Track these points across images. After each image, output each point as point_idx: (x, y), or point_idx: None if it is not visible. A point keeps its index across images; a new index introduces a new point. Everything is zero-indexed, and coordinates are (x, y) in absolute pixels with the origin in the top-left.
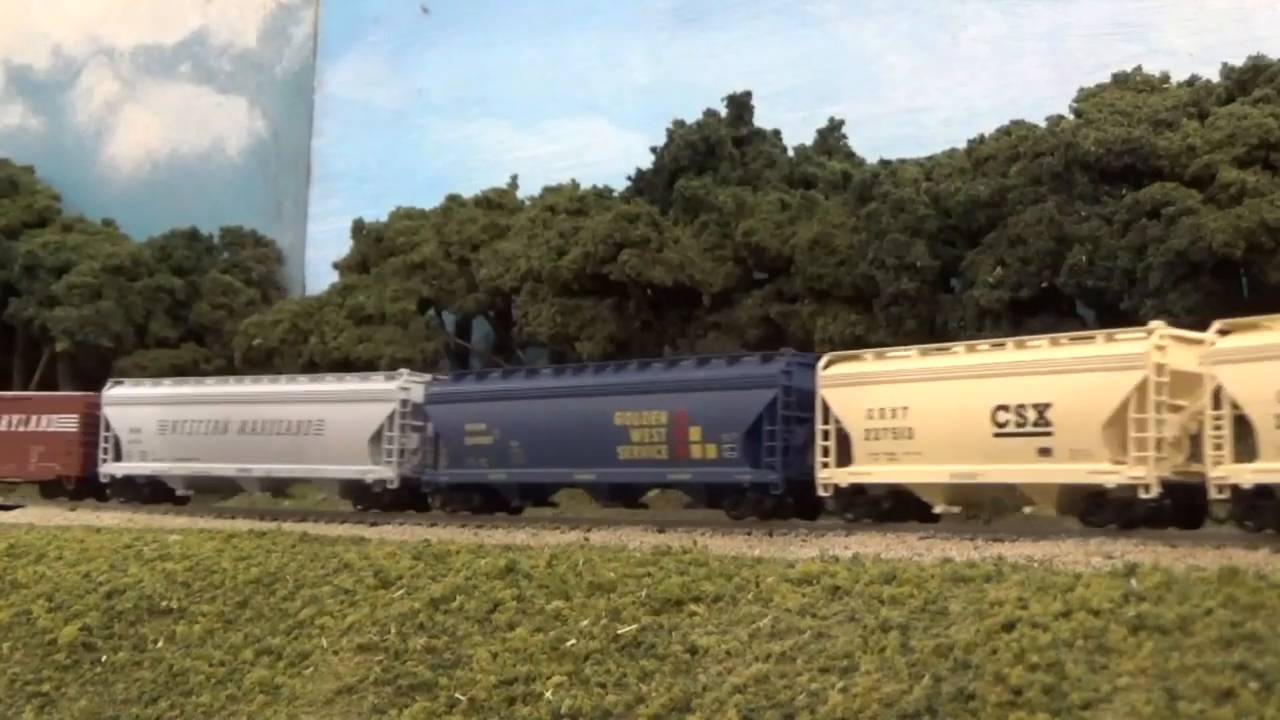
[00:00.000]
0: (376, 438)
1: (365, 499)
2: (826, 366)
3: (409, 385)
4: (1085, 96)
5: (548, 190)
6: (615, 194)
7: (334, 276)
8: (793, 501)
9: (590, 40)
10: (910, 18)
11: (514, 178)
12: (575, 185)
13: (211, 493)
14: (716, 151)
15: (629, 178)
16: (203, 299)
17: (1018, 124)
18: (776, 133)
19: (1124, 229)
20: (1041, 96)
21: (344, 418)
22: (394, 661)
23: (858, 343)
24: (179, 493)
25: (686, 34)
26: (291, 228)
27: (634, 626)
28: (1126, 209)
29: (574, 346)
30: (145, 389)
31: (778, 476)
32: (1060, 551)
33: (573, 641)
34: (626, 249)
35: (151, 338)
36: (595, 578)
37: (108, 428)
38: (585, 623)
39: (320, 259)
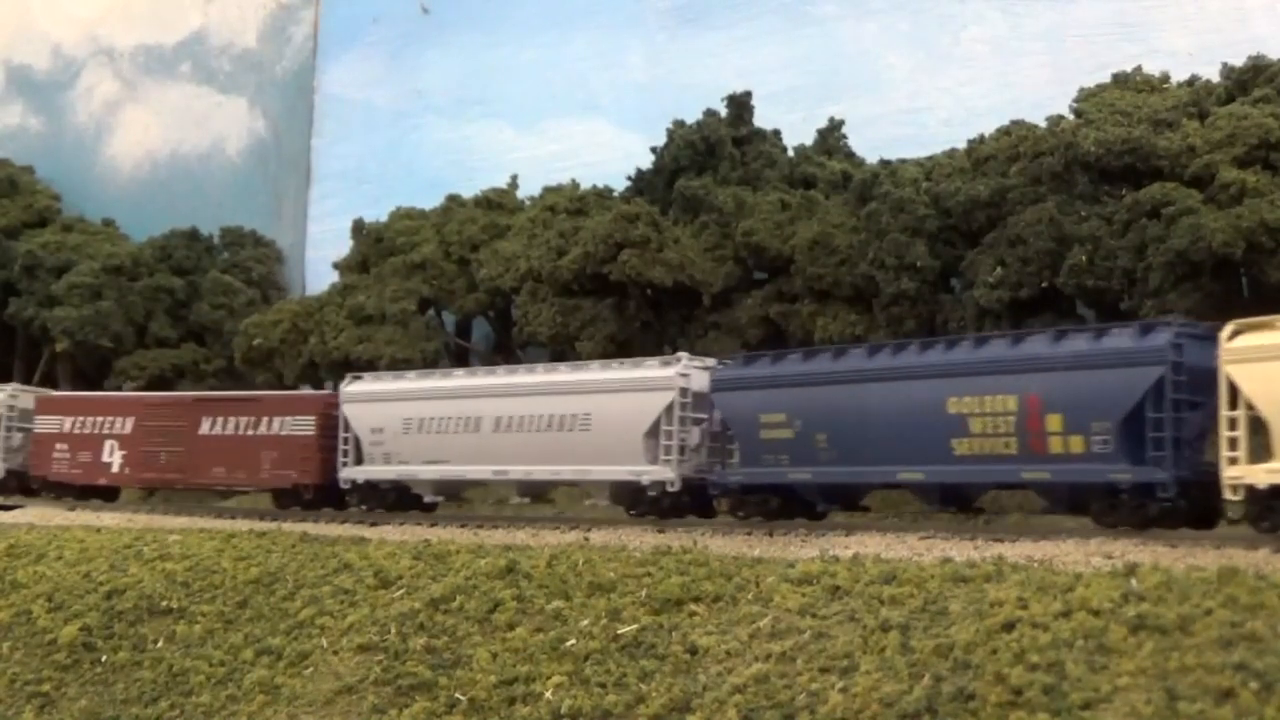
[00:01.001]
0: (653, 432)
1: (639, 503)
2: (1233, 337)
3: (689, 371)
4: (1085, 96)
5: (548, 190)
6: (615, 194)
7: (334, 276)
8: (1185, 505)
9: (590, 40)
10: (910, 18)
11: (514, 178)
12: (575, 185)
13: (462, 499)
14: (716, 151)
15: (629, 178)
16: (203, 299)
17: (1018, 124)
18: (776, 133)
19: (1124, 229)
20: (1041, 96)
21: (614, 410)
22: (394, 661)
23: (858, 343)
24: (426, 499)
25: (686, 34)
26: (291, 228)
27: (634, 626)
28: (1126, 209)
29: (574, 346)
30: (387, 383)
31: (1167, 475)
32: (1060, 551)
33: (573, 641)
34: (626, 249)
35: (151, 338)
36: (595, 578)
37: (347, 428)
38: (585, 623)
39: (320, 259)
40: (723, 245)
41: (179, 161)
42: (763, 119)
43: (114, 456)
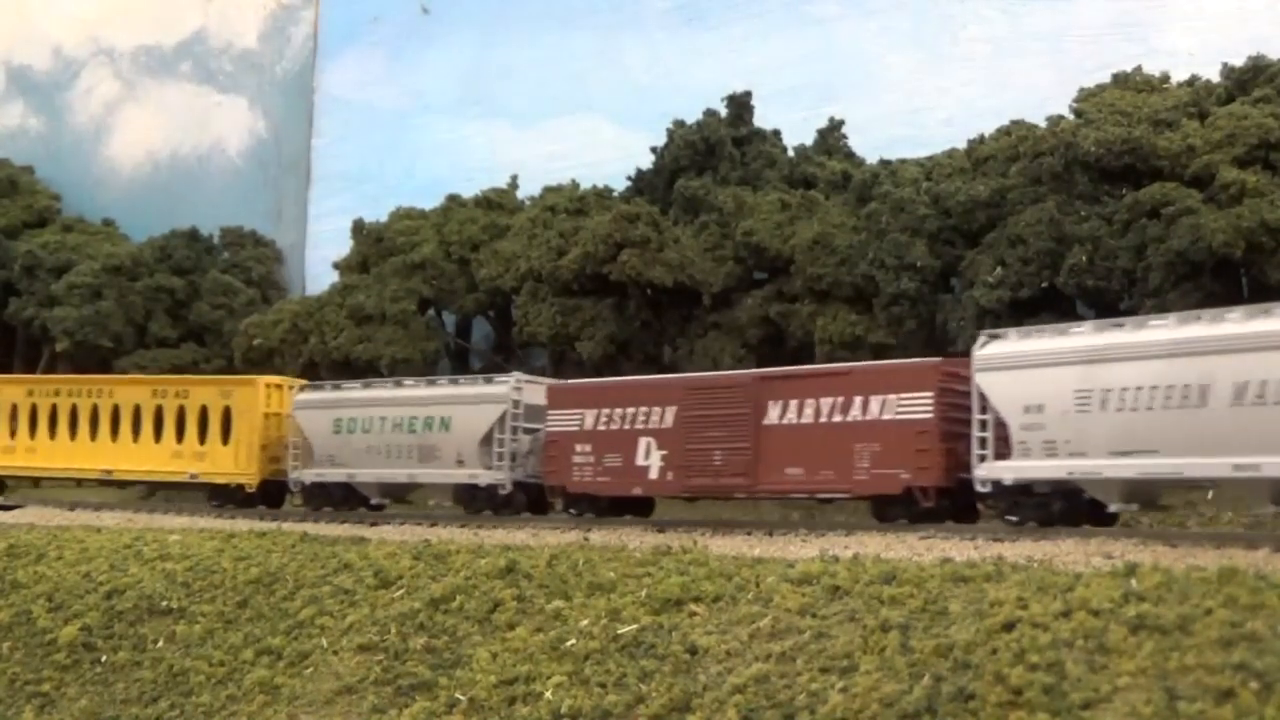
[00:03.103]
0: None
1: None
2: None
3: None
4: (1085, 96)
5: (548, 190)
6: (615, 194)
7: (334, 276)
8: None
9: (590, 40)
10: (910, 18)
11: (514, 178)
12: (575, 185)
13: (1157, 505)
14: (716, 151)
15: (629, 178)
16: (203, 299)
17: (1018, 124)
18: (776, 133)
19: (1124, 229)
20: (1041, 96)
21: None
22: (394, 661)
23: (858, 343)
24: (1112, 508)
25: (686, 34)
26: (291, 228)
27: (634, 626)
28: (1126, 209)
29: (574, 346)
30: (1052, 340)
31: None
32: (1060, 551)
33: (573, 641)
34: (626, 249)
35: (151, 338)
36: (595, 578)
37: (985, 407)
38: (585, 623)
39: (320, 259)
40: (723, 245)
41: (179, 161)
42: (763, 119)
43: (651, 458)
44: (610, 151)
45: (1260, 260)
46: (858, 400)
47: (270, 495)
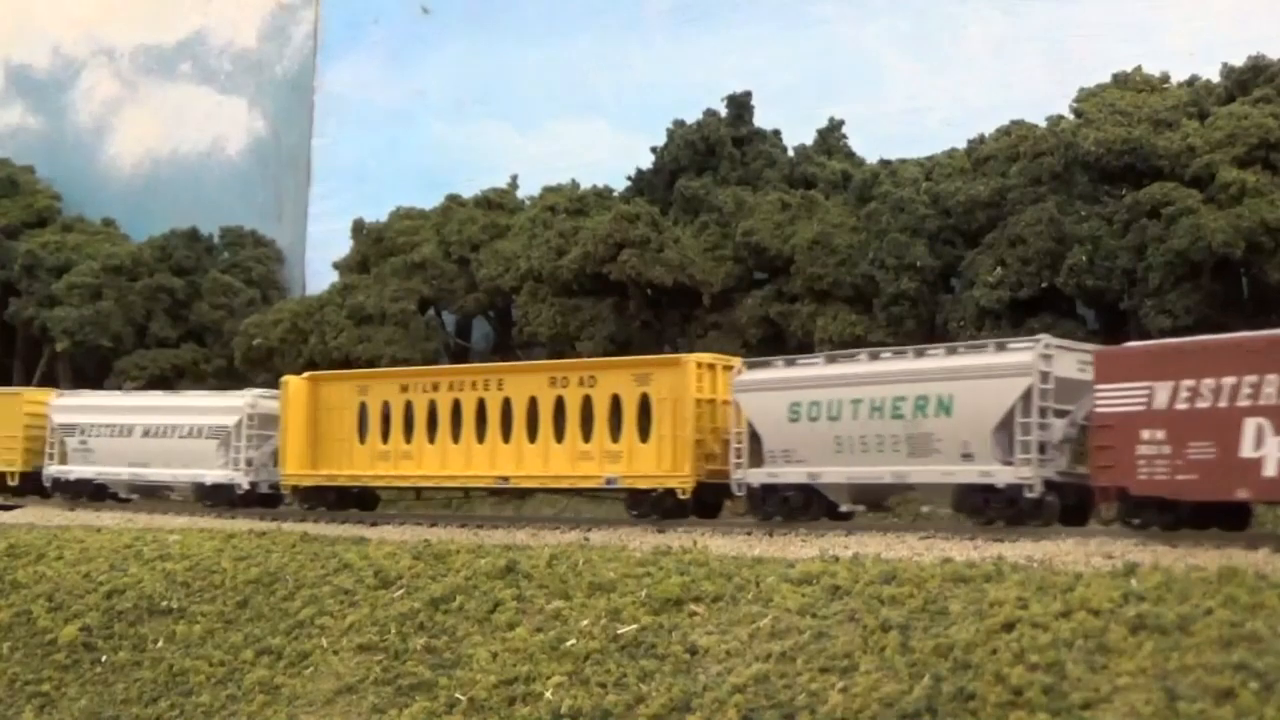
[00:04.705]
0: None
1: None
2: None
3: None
4: (1085, 96)
5: (548, 190)
6: (615, 194)
7: (334, 276)
8: None
9: (590, 40)
10: (911, 18)
11: (514, 178)
12: (575, 185)
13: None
14: (716, 151)
15: (629, 178)
16: (203, 299)
17: (1018, 124)
18: (776, 133)
19: (1124, 229)
20: (1041, 96)
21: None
22: (394, 661)
23: (858, 343)
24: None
25: (686, 34)
26: (291, 228)
27: (634, 626)
28: (1126, 209)
29: (574, 346)
30: None
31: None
32: (1060, 551)
33: (573, 641)
34: (626, 249)
35: (151, 338)
36: (595, 578)
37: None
38: (585, 623)
39: (320, 259)
40: (723, 245)
41: (179, 161)
42: (763, 119)
43: (1268, 447)
44: (610, 151)
45: (1260, 260)
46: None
47: (706, 504)
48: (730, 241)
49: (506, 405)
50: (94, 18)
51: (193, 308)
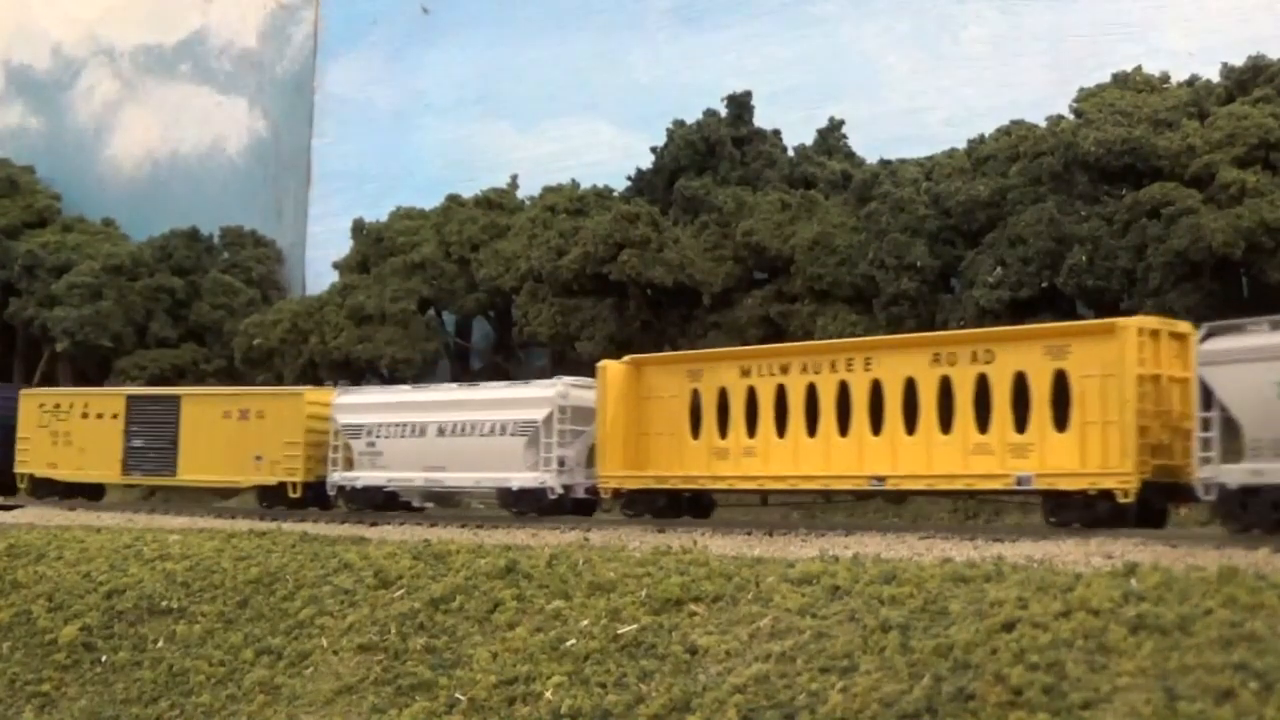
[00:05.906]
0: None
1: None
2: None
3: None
4: (1085, 96)
5: (548, 190)
6: (615, 194)
7: (334, 276)
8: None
9: (590, 40)
10: (910, 18)
11: (514, 178)
12: (575, 185)
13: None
14: (716, 151)
15: (629, 178)
16: (203, 299)
17: (1018, 124)
18: (776, 133)
19: (1124, 229)
20: (1041, 96)
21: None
22: (394, 661)
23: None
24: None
25: (686, 34)
26: (291, 228)
27: (634, 626)
28: (1126, 209)
29: (574, 346)
30: None
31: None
32: (1060, 551)
33: (573, 641)
34: (626, 249)
35: (151, 338)
36: (595, 578)
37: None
38: (585, 623)
39: (320, 259)
40: (723, 245)
41: (179, 161)
42: (763, 119)
43: None
44: (610, 151)
45: (1260, 260)
46: None
47: (1151, 508)
48: (730, 241)
49: (876, 389)
50: (94, 18)
51: (193, 308)
